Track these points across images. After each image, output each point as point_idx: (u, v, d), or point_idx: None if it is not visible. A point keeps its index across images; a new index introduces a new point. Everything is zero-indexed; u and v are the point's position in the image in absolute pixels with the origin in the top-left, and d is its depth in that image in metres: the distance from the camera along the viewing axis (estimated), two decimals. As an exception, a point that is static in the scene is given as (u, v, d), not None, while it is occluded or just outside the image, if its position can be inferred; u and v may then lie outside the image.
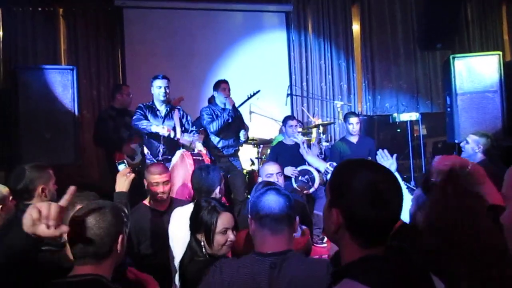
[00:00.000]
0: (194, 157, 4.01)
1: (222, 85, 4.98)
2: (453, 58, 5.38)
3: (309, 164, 4.95)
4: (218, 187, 3.00)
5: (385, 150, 2.78)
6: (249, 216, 1.89)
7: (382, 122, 7.03)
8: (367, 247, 1.16)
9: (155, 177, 3.17)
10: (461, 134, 5.16)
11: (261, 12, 7.31)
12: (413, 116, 6.53)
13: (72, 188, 1.57)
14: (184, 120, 4.63)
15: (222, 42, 7.02)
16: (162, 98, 4.50)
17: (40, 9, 6.31)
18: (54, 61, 6.21)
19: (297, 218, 1.93)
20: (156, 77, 4.54)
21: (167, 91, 4.51)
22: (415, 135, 6.64)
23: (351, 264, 1.15)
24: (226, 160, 4.94)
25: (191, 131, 4.61)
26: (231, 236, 2.21)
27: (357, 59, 7.68)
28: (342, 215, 1.18)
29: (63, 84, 4.57)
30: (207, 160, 4.14)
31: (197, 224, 2.24)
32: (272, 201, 1.80)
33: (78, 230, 1.57)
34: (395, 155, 2.75)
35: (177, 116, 4.58)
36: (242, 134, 5.00)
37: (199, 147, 4.42)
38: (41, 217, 1.41)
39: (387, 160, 2.72)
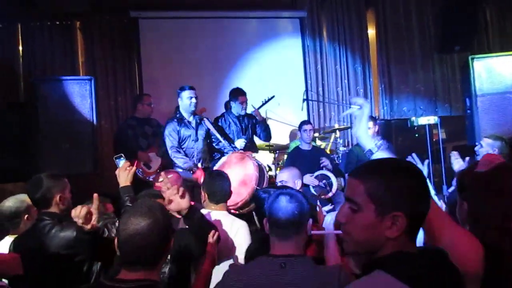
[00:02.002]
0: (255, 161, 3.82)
1: (240, 98, 5.00)
2: (472, 59, 5.29)
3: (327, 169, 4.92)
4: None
5: (414, 154, 2.75)
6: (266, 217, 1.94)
7: (399, 126, 6.93)
8: (410, 242, 1.17)
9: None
10: (481, 137, 5.03)
11: (275, 19, 7.32)
12: (432, 119, 6.41)
13: (95, 195, 2.10)
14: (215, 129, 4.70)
15: (237, 50, 7.05)
16: (193, 109, 4.57)
17: (57, 22, 6.44)
18: (73, 73, 6.30)
19: (310, 221, 1.93)
20: (183, 89, 4.58)
21: (196, 100, 4.56)
22: (434, 139, 6.51)
23: (386, 257, 1.14)
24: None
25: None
26: None
27: (373, 64, 7.61)
28: (407, 217, 1.14)
29: (81, 95, 4.64)
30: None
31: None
32: (280, 209, 1.82)
33: (131, 239, 1.51)
34: (426, 161, 2.69)
35: (209, 124, 4.65)
36: (237, 142, 4.88)
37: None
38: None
39: (418, 165, 2.65)
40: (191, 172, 4.34)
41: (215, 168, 4.04)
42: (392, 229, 1.14)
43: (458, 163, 2.72)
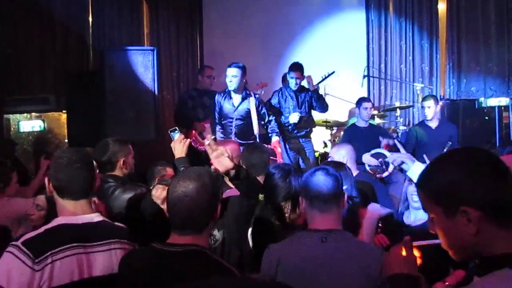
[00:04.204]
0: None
1: (294, 73, 4.93)
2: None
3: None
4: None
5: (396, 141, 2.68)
6: (301, 195, 1.99)
7: (467, 107, 6.54)
8: None
9: None
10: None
11: (340, -9, 7.13)
12: (503, 101, 6.04)
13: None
14: (260, 110, 4.66)
15: (299, 22, 6.99)
16: (229, 88, 4.58)
17: (125, -7, 6.68)
18: (138, 44, 6.53)
19: (346, 194, 2.00)
20: (229, 65, 4.59)
21: (234, 80, 4.52)
22: (504, 122, 6.13)
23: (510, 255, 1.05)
24: (295, 141, 4.96)
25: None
26: None
27: (442, 40, 7.19)
28: (477, 208, 1.07)
29: (144, 65, 4.77)
30: (279, 160, 4.02)
31: (287, 190, 2.24)
32: (321, 182, 1.88)
33: (180, 201, 1.56)
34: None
35: (253, 104, 4.60)
36: (291, 117, 4.89)
37: (275, 142, 4.40)
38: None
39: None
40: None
41: None
42: (469, 226, 1.08)
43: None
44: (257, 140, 4.51)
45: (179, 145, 2.63)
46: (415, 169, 2.25)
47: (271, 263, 1.84)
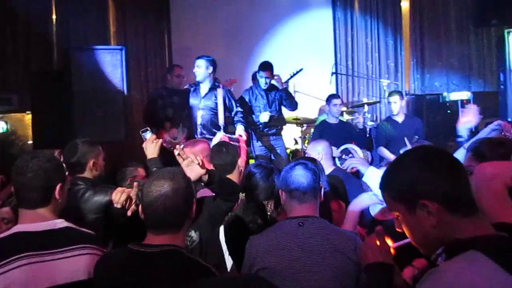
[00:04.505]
0: (232, 142, 3.86)
1: (263, 72, 4.95)
2: (508, 33, 5.11)
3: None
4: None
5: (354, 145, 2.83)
6: (281, 188, 2.09)
7: (431, 102, 6.75)
8: (472, 214, 1.15)
9: None
10: (515, 114, 4.91)
11: (306, -11, 7.21)
12: (464, 95, 6.26)
13: (135, 184, 2.08)
14: (227, 102, 4.68)
15: (268, 21, 7.03)
16: (197, 79, 4.66)
17: (91, -9, 6.51)
18: (104, 43, 6.40)
19: (323, 187, 2.13)
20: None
21: (197, 70, 4.61)
22: (466, 115, 6.36)
23: (477, 238, 1.11)
24: (267, 139, 4.99)
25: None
26: None
27: (406, 37, 7.41)
28: (435, 200, 1.14)
29: (112, 64, 4.70)
30: (243, 147, 4.08)
31: (270, 189, 2.30)
32: (300, 176, 1.99)
33: (155, 201, 1.55)
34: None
35: (220, 96, 4.63)
36: (261, 116, 4.91)
37: (240, 131, 4.45)
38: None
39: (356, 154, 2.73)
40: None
41: None
42: (430, 218, 1.15)
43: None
44: (222, 130, 4.54)
45: (151, 146, 2.61)
46: (370, 174, 2.33)
47: (253, 253, 1.92)
